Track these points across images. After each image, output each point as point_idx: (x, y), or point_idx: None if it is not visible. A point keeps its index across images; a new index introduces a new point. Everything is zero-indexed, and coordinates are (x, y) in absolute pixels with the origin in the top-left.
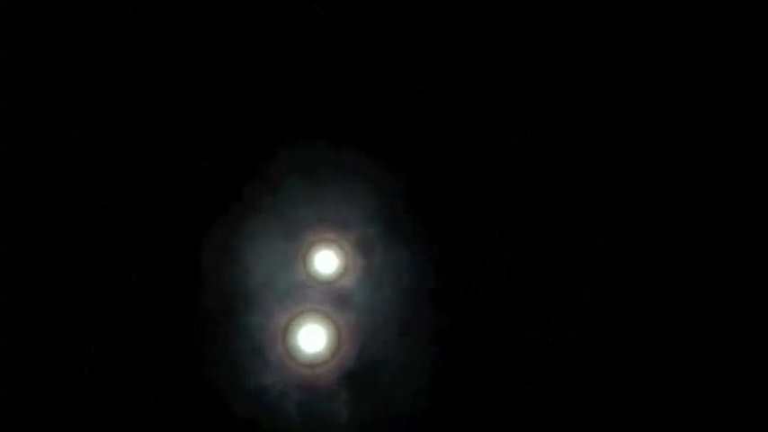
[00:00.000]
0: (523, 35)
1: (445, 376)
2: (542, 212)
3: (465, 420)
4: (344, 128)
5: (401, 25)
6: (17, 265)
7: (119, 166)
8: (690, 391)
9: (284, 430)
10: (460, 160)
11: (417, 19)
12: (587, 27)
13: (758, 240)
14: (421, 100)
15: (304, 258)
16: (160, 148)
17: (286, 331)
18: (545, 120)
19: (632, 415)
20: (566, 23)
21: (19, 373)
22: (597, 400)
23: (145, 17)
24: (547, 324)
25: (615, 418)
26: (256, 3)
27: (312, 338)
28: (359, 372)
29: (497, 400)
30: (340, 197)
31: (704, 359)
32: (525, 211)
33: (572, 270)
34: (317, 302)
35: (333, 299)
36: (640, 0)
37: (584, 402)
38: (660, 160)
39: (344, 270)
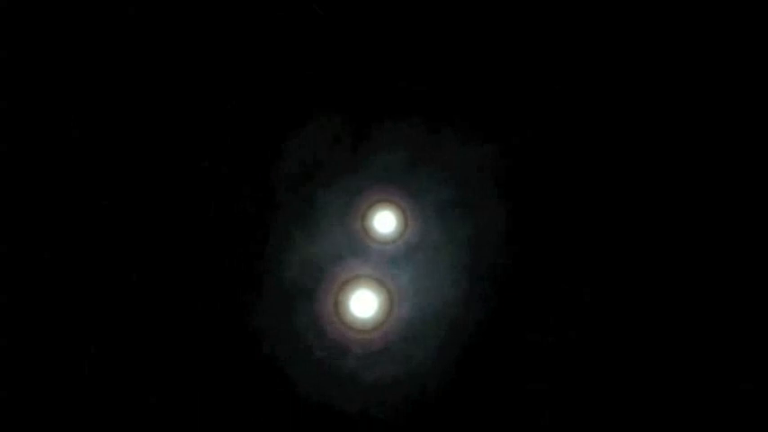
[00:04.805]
0: (523, 35)
1: (444, 376)
2: (542, 212)
3: (465, 420)
4: (344, 127)
5: (401, 25)
6: (17, 265)
7: (119, 167)
8: (690, 391)
9: (338, 396)
10: (460, 160)
11: (418, 19)
12: (587, 27)
13: (758, 240)
14: (421, 100)
15: (361, 222)
16: (160, 148)
17: (340, 296)
18: (545, 120)
19: (632, 415)
20: (565, 23)
21: (19, 373)
22: (597, 400)
23: (145, 17)
24: (547, 324)
25: (615, 418)
26: (256, 3)
27: (365, 303)
28: (409, 337)
29: (497, 399)
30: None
31: (704, 359)
32: (525, 211)
33: (572, 270)
34: (371, 266)
35: (387, 262)
36: (640, 0)
37: (585, 402)
38: (660, 160)
39: (400, 234)
